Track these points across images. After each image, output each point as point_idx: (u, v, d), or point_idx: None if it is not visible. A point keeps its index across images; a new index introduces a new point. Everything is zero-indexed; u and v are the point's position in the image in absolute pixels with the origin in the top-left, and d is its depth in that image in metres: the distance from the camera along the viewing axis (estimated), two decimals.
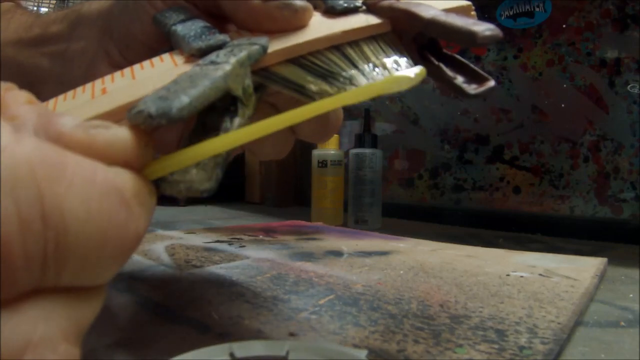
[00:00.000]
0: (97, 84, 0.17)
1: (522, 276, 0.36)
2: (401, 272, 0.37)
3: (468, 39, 0.18)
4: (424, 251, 0.45)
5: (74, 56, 0.25)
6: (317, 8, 0.21)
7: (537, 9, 0.66)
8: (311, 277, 0.35)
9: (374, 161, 0.68)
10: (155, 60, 0.19)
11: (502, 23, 0.68)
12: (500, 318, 0.26)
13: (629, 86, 0.59)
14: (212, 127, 0.16)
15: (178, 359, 0.17)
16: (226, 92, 0.16)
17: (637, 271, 0.41)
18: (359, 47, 0.19)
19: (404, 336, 0.24)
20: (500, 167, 0.71)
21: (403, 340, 0.23)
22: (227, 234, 0.54)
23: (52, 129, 0.12)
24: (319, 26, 0.20)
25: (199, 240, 0.49)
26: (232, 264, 0.38)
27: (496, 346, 0.23)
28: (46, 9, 1.21)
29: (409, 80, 0.15)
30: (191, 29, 0.20)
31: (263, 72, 0.18)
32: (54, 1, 1.24)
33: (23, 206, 0.10)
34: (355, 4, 0.21)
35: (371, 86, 0.15)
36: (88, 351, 0.21)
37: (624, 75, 0.59)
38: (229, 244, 0.47)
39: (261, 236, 0.52)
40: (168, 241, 0.48)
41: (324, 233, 0.57)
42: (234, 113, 0.16)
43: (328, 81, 0.18)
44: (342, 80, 0.18)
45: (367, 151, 0.68)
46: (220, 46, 0.18)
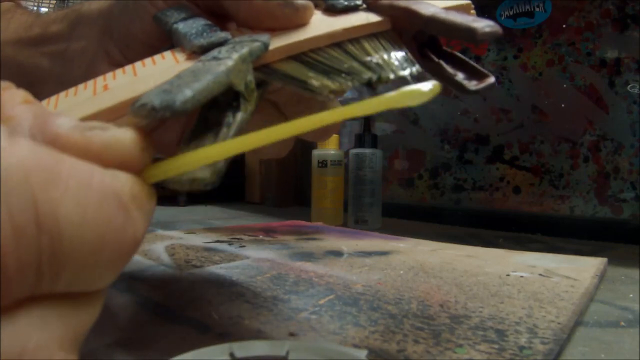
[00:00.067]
0: (98, 80, 0.17)
1: (522, 276, 0.36)
2: (401, 272, 0.37)
3: (468, 35, 0.18)
4: (424, 251, 0.45)
5: (74, 56, 0.25)
6: (317, 7, 0.21)
7: (537, 9, 0.66)
8: (311, 277, 0.35)
9: (374, 161, 0.68)
10: (157, 57, 0.19)
11: (502, 23, 0.68)
12: (500, 318, 0.26)
13: (629, 86, 0.59)
14: (215, 123, 0.16)
15: (178, 359, 0.17)
16: (228, 87, 0.16)
17: (637, 271, 0.41)
18: (359, 44, 0.20)
19: (404, 336, 0.24)
20: (500, 167, 0.71)
21: (403, 340, 0.23)
22: (227, 234, 0.54)
23: (49, 130, 0.12)
24: (319, 24, 0.20)
25: (199, 240, 0.49)
26: (232, 264, 0.38)
27: (496, 346, 0.23)
28: (46, 8, 1.21)
29: (421, 95, 0.15)
30: (192, 26, 0.20)
31: (265, 68, 0.18)
32: (54, 1, 1.24)
33: (16, 212, 0.10)
34: (355, 2, 0.21)
35: (381, 99, 0.14)
36: (88, 351, 0.21)
37: (624, 75, 0.59)
38: (229, 244, 0.47)
39: (261, 236, 0.52)
40: (168, 241, 0.48)
41: (324, 233, 0.57)
42: (236, 108, 0.16)
43: (330, 77, 0.18)
44: (343, 76, 0.18)
45: (367, 151, 0.68)
46: (221, 43, 0.18)
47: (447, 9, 0.20)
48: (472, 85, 0.20)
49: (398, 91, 0.15)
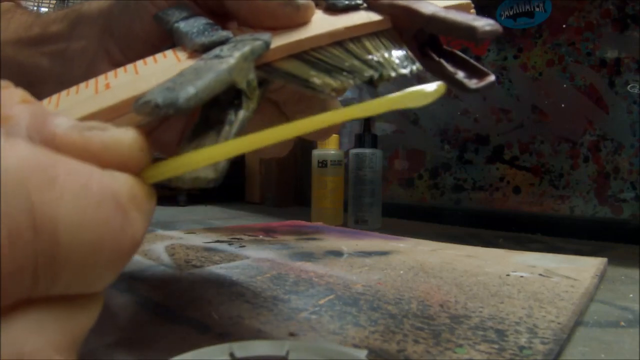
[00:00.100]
0: (100, 79, 0.17)
1: (522, 276, 0.36)
2: (401, 272, 0.37)
3: (468, 33, 0.18)
4: (424, 251, 0.45)
5: (74, 55, 0.25)
6: (318, 6, 0.21)
7: (537, 9, 0.66)
8: (311, 277, 0.35)
9: (374, 161, 0.68)
10: (158, 56, 0.19)
11: (502, 23, 0.68)
12: (500, 318, 0.26)
13: (629, 86, 0.59)
14: (216, 121, 0.16)
15: (178, 359, 0.17)
16: (230, 85, 0.16)
17: (637, 271, 0.41)
18: (360, 43, 0.20)
19: (404, 336, 0.24)
20: (500, 167, 0.71)
21: (403, 340, 0.23)
22: (227, 234, 0.54)
23: (46, 130, 0.12)
24: (320, 23, 0.20)
25: (199, 240, 0.49)
26: (232, 264, 0.38)
27: (496, 346, 0.23)
28: (46, 8, 1.21)
29: (425, 96, 0.15)
30: (194, 25, 0.20)
31: (266, 67, 0.18)
32: (54, 1, 1.24)
33: (12, 215, 0.10)
34: (356, 1, 0.21)
35: (384, 100, 0.14)
36: (88, 351, 0.21)
37: (624, 75, 0.59)
38: (229, 244, 0.47)
39: (261, 236, 0.52)
40: (168, 241, 0.48)
41: (324, 233, 0.57)
42: (238, 106, 0.16)
43: (331, 75, 0.18)
44: (345, 74, 0.18)
45: (367, 151, 0.68)
46: (223, 42, 0.18)
47: (447, 7, 0.20)
48: (473, 83, 0.20)
49: (402, 92, 0.15)
